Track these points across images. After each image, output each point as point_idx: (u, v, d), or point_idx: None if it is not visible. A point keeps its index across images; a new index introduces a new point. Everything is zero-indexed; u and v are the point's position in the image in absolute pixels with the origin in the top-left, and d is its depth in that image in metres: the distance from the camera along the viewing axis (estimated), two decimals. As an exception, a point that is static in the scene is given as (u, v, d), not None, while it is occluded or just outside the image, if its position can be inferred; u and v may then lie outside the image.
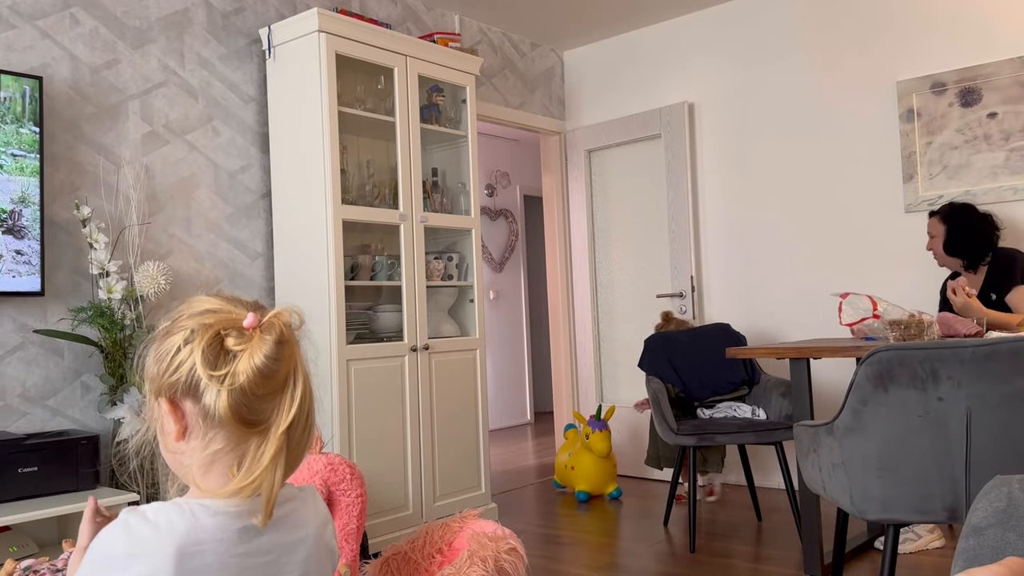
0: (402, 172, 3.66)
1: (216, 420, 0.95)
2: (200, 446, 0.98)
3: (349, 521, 2.14)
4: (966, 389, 2.05)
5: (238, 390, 0.95)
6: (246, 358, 0.96)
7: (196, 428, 0.97)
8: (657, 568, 3.25)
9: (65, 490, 2.63)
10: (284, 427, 0.97)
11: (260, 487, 0.96)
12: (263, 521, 0.96)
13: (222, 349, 0.96)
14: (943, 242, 3.42)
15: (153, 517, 0.93)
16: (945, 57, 3.93)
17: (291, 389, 0.99)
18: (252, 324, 0.98)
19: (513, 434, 6.92)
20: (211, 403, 0.95)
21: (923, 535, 3.27)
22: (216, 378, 0.95)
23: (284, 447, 0.98)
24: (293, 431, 0.99)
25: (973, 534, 1.13)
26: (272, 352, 0.97)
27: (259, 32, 3.61)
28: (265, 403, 0.97)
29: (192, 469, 0.99)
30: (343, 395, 3.34)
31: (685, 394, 3.95)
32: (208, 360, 0.95)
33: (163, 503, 0.95)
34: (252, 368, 0.95)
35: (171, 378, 0.96)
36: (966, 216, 3.40)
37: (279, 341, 0.98)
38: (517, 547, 1.93)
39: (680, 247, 4.70)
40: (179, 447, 0.99)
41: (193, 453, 0.98)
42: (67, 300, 2.98)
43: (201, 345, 0.95)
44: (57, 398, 2.95)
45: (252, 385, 0.95)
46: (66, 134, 3.03)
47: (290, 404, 0.98)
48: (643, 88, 4.97)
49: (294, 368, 1.00)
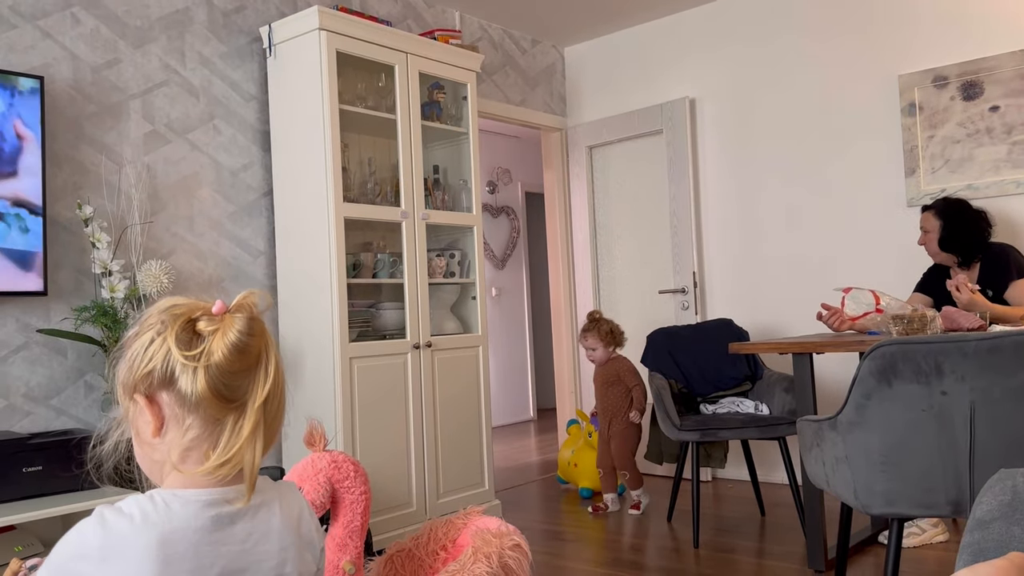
0: (403, 169, 3.66)
1: (193, 402, 0.97)
2: (177, 436, 0.99)
3: (353, 518, 2.14)
4: (970, 383, 2.05)
5: (214, 367, 0.97)
6: (219, 336, 0.98)
7: (172, 419, 0.99)
8: (661, 563, 3.25)
9: (69, 489, 2.63)
10: (260, 400, 1.00)
11: (241, 461, 0.98)
12: (247, 496, 0.99)
13: (194, 333, 0.99)
14: (938, 238, 3.40)
15: (127, 510, 0.95)
16: (947, 51, 3.92)
17: (264, 363, 1.01)
18: (220, 310, 1.01)
19: (516, 431, 6.92)
20: (188, 386, 0.97)
21: (927, 529, 3.27)
22: (191, 357, 0.97)
23: (261, 421, 1.00)
24: (269, 405, 1.01)
25: (978, 528, 1.13)
26: (244, 327, 0.99)
27: (260, 30, 3.60)
28: (240, 379, 0.99)
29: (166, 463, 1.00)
30: (346, 393, 3.34)
31: (688, 389, 3.95)
32: (182, 343, 0.97)
33: (134, 496, 0.97)
34: (227, 344, 0.98)
35: (145, 370, 0.98)
36: (962, 212, 3.39)
37: (250, 317, 1.01)
38: (521, 543, 1.94)
39: (682, 243, 4.70)
40: (155, 442, 1.00)
41: (170, 445, 0.99)
42: (70, 299, 2.98)
43: (174, 331, 0.97)
44: (61, 397, 2.95)
45: (227, 361, 0.97)
46: (68, 134, 3.03)
47: (264, 378, 1.01)
48: (644, 84, 4.96)
49: (266, 343, 1.02)
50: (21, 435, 2.66)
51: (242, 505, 1.00)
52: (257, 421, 0.99)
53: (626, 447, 4.01)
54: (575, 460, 4.52)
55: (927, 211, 3.48)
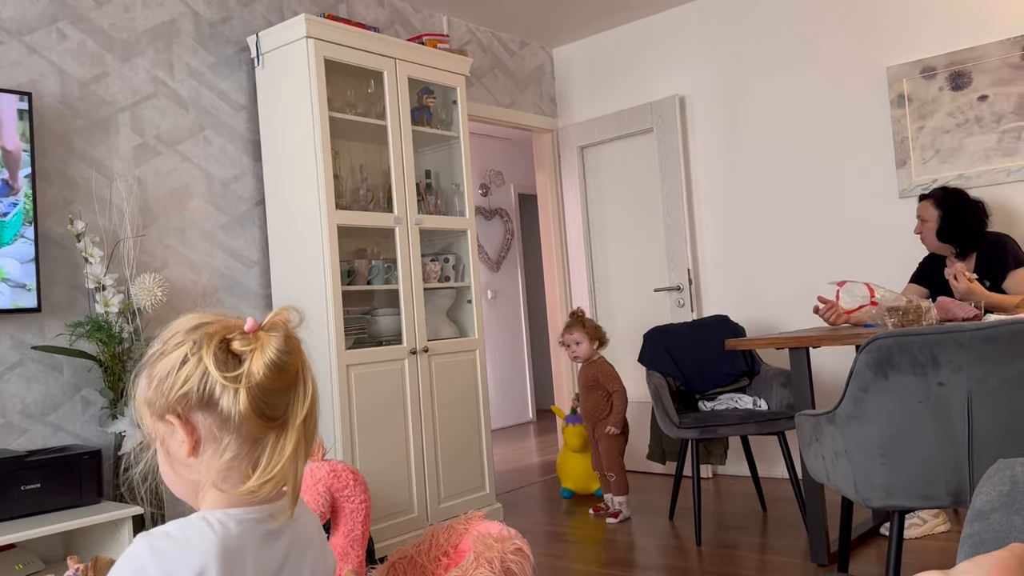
0: (395, 175, 3.65)
1: (235, 423, 0.96)
2: (214, 456, 0.98)
3: (354, 527, 2.13)
4: (966, 373, 2.05)
5: (256, 388, 0.96)
6: (258, 356, 0.97)
7: (209, 439, 0.98)
8: (664, 562, 3.25)
9: (69, 506, 2.63)
10: (302, 418, 0.99)
11: (284, 479, 0.98)
12: (291, 511, 0.99)
13: (229, 352, 0.97)
14: (936, 228, 3.38)
15: (180, 534, 0.93)
16: (934, 41, 3.93)
17: (303, 382, 1.01)
18: (252, 328, 0.99)
19: (516, 433, 6.92)
20: (229, 406, 0.95)
21: (928, 520, 3.27)
22: (232, 378, 0.95)
23: (303, 438, 1.00)
24: (308, 422, 1.01)
25: (978, 519, 1.13)
26: (283, 346, 0.98)
27: (247, 40, 3.60)
28: (280, 397, 0.98)
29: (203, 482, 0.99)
30: (344, 400, 3.33)
31: (686, 387, 3.95)
32: (220, 364, 0.96)
33: (186, 519, 0.95)
34: (266, 364, 0.96)
35: (179, 392, 0.96)
36: (962, 202, 3.37)
37: (287, 335, 1.00)
38: (523, 547, 1.93)
39: (676, 241, 4.70)
40: (191, 462, 0.98)
41: (208, 465, 0.98)
42: (64, 315, 2.97)
43: (211, 352, 0.96)
44: (58, 414, 2.94)
45: (268, 380, 0.96)
46: (57, 149, 3.02)
47: (304, 395, 1.01)
48: (634, 83, 4.97)
49: (303, 360, 1.02)
50: (19, 453, 2.65)
51: (286, 520, 1.00)
52: (299, 439, 0.99)
53: (613, 450, 3.91)
54: (561, 460, 4.50)
55: (924, 200, 3.45)
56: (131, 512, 2.64)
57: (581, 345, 3.98)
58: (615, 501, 3.92)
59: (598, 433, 3.96)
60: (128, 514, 2.63)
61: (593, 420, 3.98)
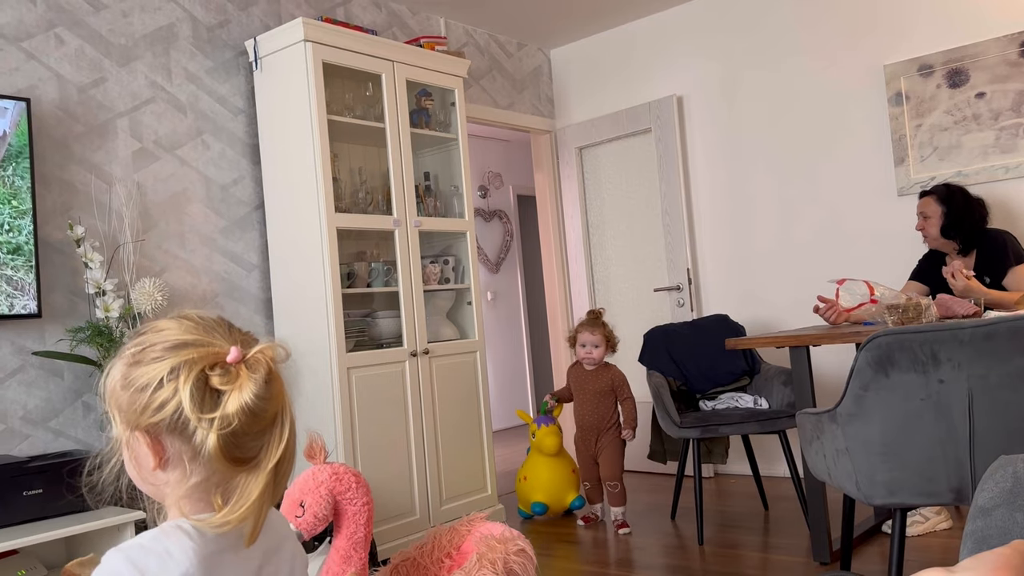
0: (394, 178, 3.65)
1: (204, 459, 0.94)
2: (180, 478, 0.96)
3: (356, 529, 2.13)
4: (967, 370, 2.05)
5: (228, 432, 0.93)
6: (235, 398, 0.93)
7: (176, 460, 0.95)
8: (667, 561, 3.25)
9: (71, 511, 2.63)
10: (273, 463, 0.97)
11: (246, 521, 0.95)
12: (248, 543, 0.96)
13: (207, 387, 0.94)
14: (940, 224, 3.37)
15: (159, 546, 0.91)
16: (931, 39, 3.93)
17: (279, 426, 0.98)
18: (236, 359, 0.95)
19: (517, 434, 6.91)
20: (200, 443, 0.93)
21: (930, 517, 3.27)
22: (206, 420, 0.92)
23: (272, 482, 0.97)
24: (280, 466, 0.98)
25: (980, 515, 1.13)
26: (262, 392, 0.95)
27: (245, 44, 3.60)
28: (254, 440, 0.96)
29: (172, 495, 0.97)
30: (345, 403, 3.33)
31: (686, 387, 3.96)
32: (196, 401, 0.92)
33: (159, 530, 0.94)
34: (242, 408, 0.93)
35: (154, 417, 0.93)
36: (965, 198, 3.37)
37: (267, 380, 0.96)
38: (526, 548, 1.93)
39: (675, 240, 4.71)
40: (156, 476, 0.97)
41: (174, 484, 0.96)
42: (64, 320, 2.97)
43: (188, 386, 0.92)
44: (59, 419, 2.94)
45: (242, 425, 0.94)
46: (56, 154, 3.02)
47: (279, 440, 0.97)
48: (631, 83, 4.97)
49: (283, 405, 0.99)
50: (20, 459, 2.65)
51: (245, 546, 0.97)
52: (268, 483, 0.96)
53: (619, 459, 3.80)
54: (524, 472, 4.02)
55: (927, 196, 3.44)
56: (133, 517, 2.64)
57: (599, 349, 3.87)
58: (619, 512, 3.78)
59: (603, 441, 3.84)
60: (131, 519, 2.64)
61: (598, 428, 3.85)
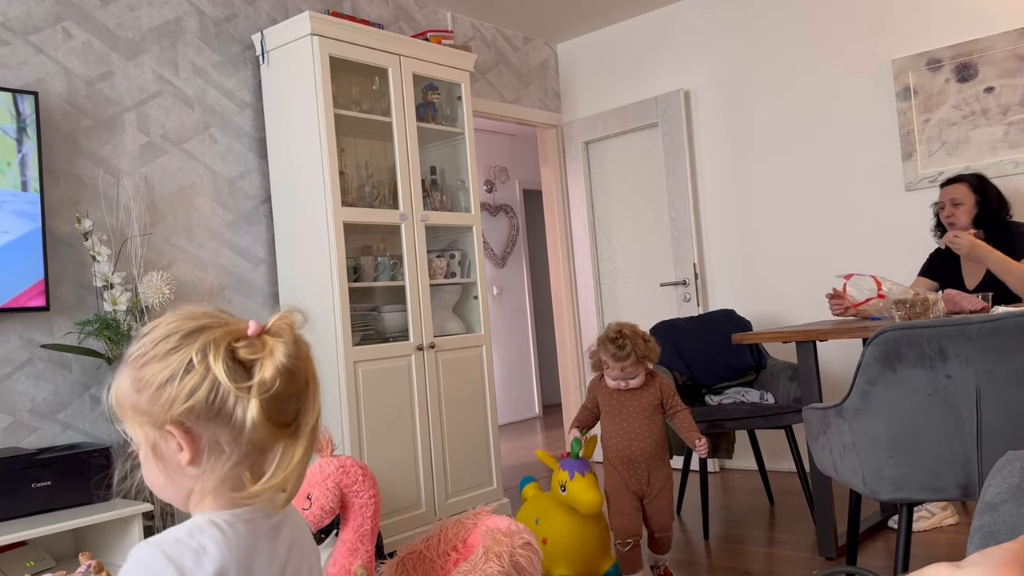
0: (401, 172, 3.65)
1: (247, 433, 0.93)
2: (217, 464, 0.95)
3: (363, 522, 2.14)
4: (974, 365, 2.05)
5: (270, 396, 0.93)
6: (269, 363, 0.93)
7: (212, 448, 0.94)
8: (672, 556, 3.25)
9: (79, 503, 2.64)
10: (313, 423, 0.98)
11: (287, 483, 0.96)
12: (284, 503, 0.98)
13: (235, 361, 0.93)
14: (974, 214, 3.26)
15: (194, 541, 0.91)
16: (940, 33, 3.91)
17: (312, 386, 1.00)
18: (256, 332, 0.96)
19: (522, 428, 6.93)
20: (240, 417, 0.92)
21: (936, 512, 3.27)
22: (245, 389, 0.92)
23: (311, 444, 0.99)
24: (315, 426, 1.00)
25: (988, 511, 1.13)
26: (293, 351, 0.96)
27: (252, 38, 3.60)
28: (291, 403, 0.96)
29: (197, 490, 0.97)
30: (351, 397, 3.34)
31: (692, 381, 3.95)
32: (231, 374, 0.92)
33: (192, 524, 0.93)
34: (278, 370, 0.93)
35: (185, 404, 0.91)
36: (996, 189, 3.33)
37: (294, 340, 0.98)
38: (532, 541, 1.94)
39: (682, 235, 4.70)
40: (189, 470, 0.95)
41: (209, 473, 0.95)
42: (72, 314, 2.98)
43: (219, 362, 0.92)
44: (67, 412, 2.95)
45: (282, 387, 0.94)
46: (64, 148, 3.03)
47: (314, 400, 0.99)
48: (638, 77, 4.96)
49: (311, 366, 1.01)
50: (29, 451, 2.66)
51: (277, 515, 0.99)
52: (309, 444, 0.98)
53: (672, 501, 2.89)
54: (544, 535, 2.79)
55: (957, 183, 3.33)
56: (141, 509, 2.66)
57: (638, 377, 2.84)
58: (660, 559, 2.94)
59: (657, 479, 2.81)
60: (138, 511, 2.65)
61: (650, 460, 2.80)
